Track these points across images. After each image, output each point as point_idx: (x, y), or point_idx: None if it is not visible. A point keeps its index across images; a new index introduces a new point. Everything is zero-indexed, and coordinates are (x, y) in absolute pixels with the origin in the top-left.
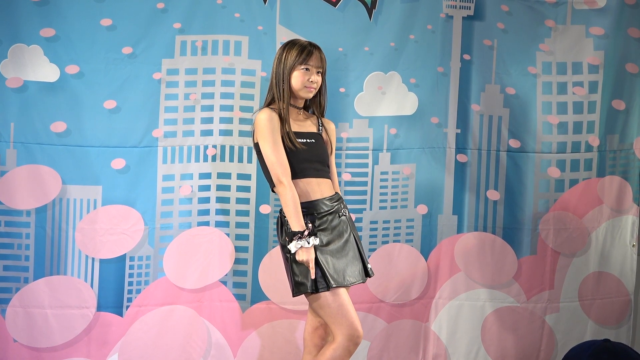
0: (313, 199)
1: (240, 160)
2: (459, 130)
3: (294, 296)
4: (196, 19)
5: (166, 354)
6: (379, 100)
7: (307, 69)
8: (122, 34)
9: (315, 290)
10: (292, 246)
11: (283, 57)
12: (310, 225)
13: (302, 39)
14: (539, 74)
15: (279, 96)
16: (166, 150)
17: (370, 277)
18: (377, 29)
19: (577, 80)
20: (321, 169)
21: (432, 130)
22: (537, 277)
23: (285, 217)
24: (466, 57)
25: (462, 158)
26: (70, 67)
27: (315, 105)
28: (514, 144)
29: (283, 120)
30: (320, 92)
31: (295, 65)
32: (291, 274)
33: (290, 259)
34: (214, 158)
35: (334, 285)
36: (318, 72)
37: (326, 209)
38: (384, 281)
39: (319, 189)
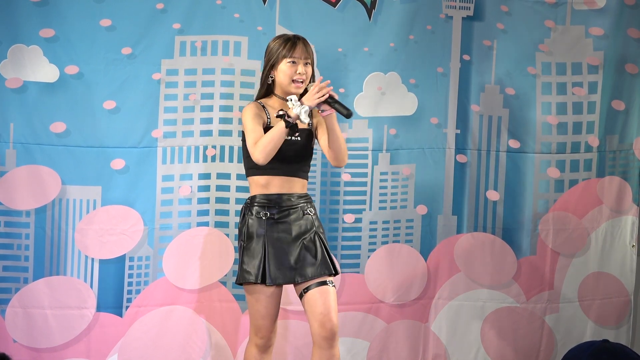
0: (279, 192)
1: (240, 160)
2: (458, 131)
3: (236, 283)
4: (196, 19)
5: (166, 354)
6: (379, 101)
7: (293, 62)
8: (122, 35)
9: (260, 282)
10: (294, 114)
11: (267, 50)
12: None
13: (289, 33)
14: (539, 74)
15: (261, 90)
16: (165, 150)
17: (337, 274)
18: (376, 29)
19: (577, 80)
20: (297, 168)
21: (432, 130)
22: (536, 278)
23: (247, 206)
24: (466, 57)
25: (461, 158)
26: (70, 68)
27: None
28: (514, 144)
29: (266, 113)
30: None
31: (279, 58)
32: (240, 260)
33: (242, 247)
34: (213, 158)
35: (276, 282)
36: (306, 64)
37: (289, 204)
38: (384, 282)
39: (287, 185)
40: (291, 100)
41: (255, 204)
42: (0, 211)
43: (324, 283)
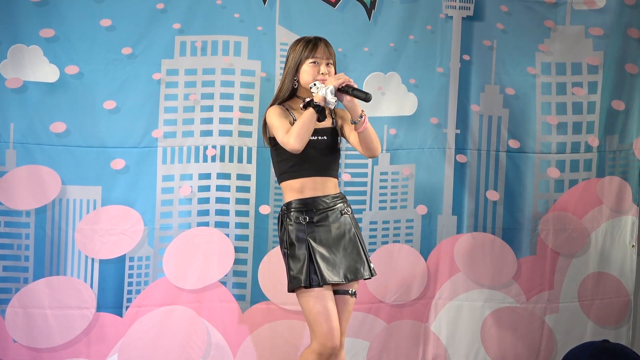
0: (313, 195)
1: (240, 160)
2: (458, 131)
3: (289, 291)
4: (196, 19)
5: (166, 354)
6: (379, 101)
7: (315, 62)
8: (122, 35)
9: (309, 285)
10: (319, 97)
11: (289, 55)
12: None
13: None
14: (539, 74)
15: (282, 92)
16: (166, 150)
17: (373, 276)
18: (376, 29)
19: (577, 80)
20: (327, 167)
21: (432, 130)
22: (536, 278)
23: (284, 213)
24: (466, 57)
25: (461, 158)
26: (70, 68)
27: None
28: (514, 144)
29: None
30: None
31: (302, 60)
32: (287, 268)
33: (287, 254)
34: (213, 158)
35: (329, 281)
36: (328, 64)
37: (325, 205)
38: (384, 281)
39: (321, 187)
40: (315, 84)
41: (292, 209)
42: (1, 211)
43: (347, 292)
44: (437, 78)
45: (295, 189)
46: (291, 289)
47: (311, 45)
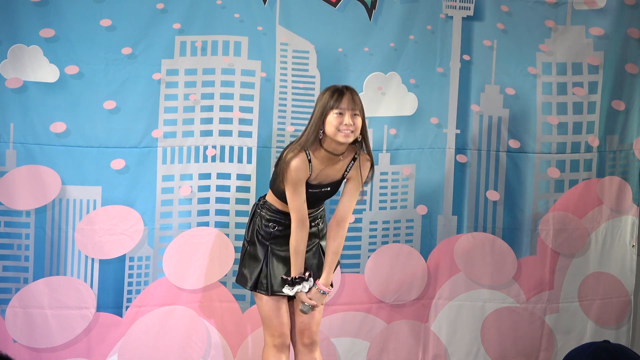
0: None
1: (240, 160)
2: (458, 131)
3: (236, 282)
4: (196, 19)
5: (166, 354)
6: (379, 101)
7: (340, 113)
8: (122, 35)
9: (254, 289)
10: (287, 290)
11: (317, 103)
12: (309, 273)
13: (339, 84)
14: (539, 74)
15: (309, 138)
16: (166, 150)
17: (325, 292)
18: (376, 29)
19: (577, 80)
20: (320, 203)
21: (432, 130)
22: (536, 278)
23: (260, 208)
24: (466, 57)
25: (461, 158)
26: (70, 68)
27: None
28: (514, 144)
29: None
30: (362, 135)
31: (327, 110)
32: (240, 259)
33: (246, 248)
34: (213, 158)
35: (276, 291)
36: (354, 115)
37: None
38: (384, 282)
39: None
40: (302, 287)
41: (270, 214)
42: (0, 211)
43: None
44: (437, 78)
45: (281, 204)
46: (237, 284)
47: (337, 94)
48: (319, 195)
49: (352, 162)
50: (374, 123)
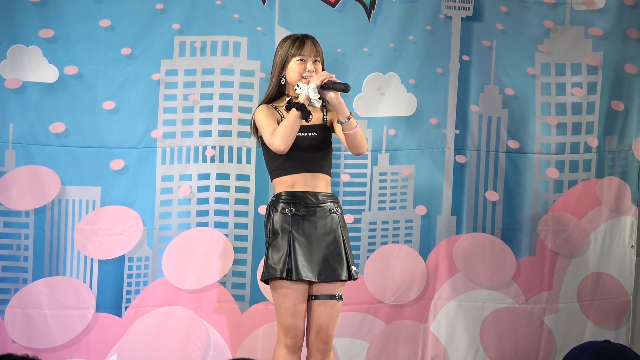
0: (304, 190)
1: (239, 161)
2: (457, 131)
3: (262, 280)
4: (195, 19)
5: (165, 354)
6: (378, 101)
7: (302, 60)
8: (121, 35)
9: (286, 276)
10: (303, 96)
11: (277, 52)
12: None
13: (298, 33)
14: (538, 74)
15: (270, 90)
16: (165, 151)
17: (353, 279)
18: (376, 29)
19: (576, 81)
20: (317, 164)
21: (431, 131)
22: (536, 278)
23: (273, 203)
24: (465, 58)
25: (461, 159)
26: (69, 68)
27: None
28: (513, 144)
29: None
30: None
31: (288, 57)
32: (265, 257)
33: (268, 243)
34: (212, 159)
35: (303, 277)
36: (315, 61)
37: (314, 201)
38: (383, 282)
39: (312, 183)
40: (299, 85)
41: (281, 201)
42: (0, 211)
43: (333, 297)
44: (437, 78)
45: (287, 184)
46: (265, 278)
47: (298, 42)
48: (310, 143)
49: (322, 107)
50: (373, 123)
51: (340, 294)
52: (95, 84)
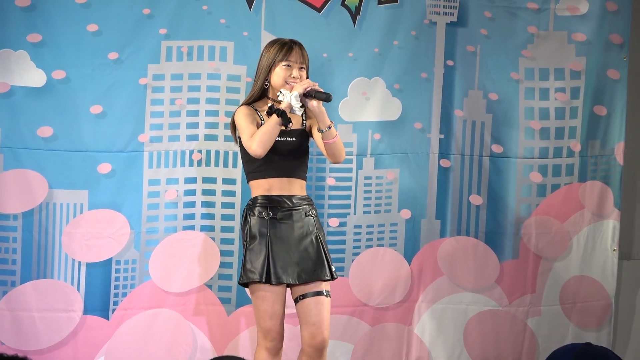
0: (280, 194)
1: (226, 165)
2: (442, 136)
3: (240, 283)
4: (182, 24)
5: (152, 356)
6: (363, 106)
7: (288, 65)
8: (108, 40)
9: (266, 280)
10: (285, 103)
11: (263, 55)
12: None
13: (285, 38)
14: (522, 79)
15: (254, 92)
16: (152, 155)
17: (334, 279)
18: (361, 34)
19: (560, 86)
20: (294, 169)
21: (416, 135)
22: (519, 281)
23: (249, 207)
24: (449, 63)
25: (445, 163)
26: (57, 73)
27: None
28: (497, 149)
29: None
30: None
31: (275, 62)
32: (244, 260)
33: (246, 247)
34: (199, 163)
35: (283, 281)
36: (301, 68)
37: (290, 205)
38: (368, 285)
39: (288, 187)
40: (281, 92)
41: (258, 204)
42: None
43: (320, 293)
44: (422, 83)
45: (263, 188)
46: (244, 282)
47: (286, 48)
48: (288, 149)
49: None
50: (358, 128)
51: (327, 291)
52: (82, 89)
